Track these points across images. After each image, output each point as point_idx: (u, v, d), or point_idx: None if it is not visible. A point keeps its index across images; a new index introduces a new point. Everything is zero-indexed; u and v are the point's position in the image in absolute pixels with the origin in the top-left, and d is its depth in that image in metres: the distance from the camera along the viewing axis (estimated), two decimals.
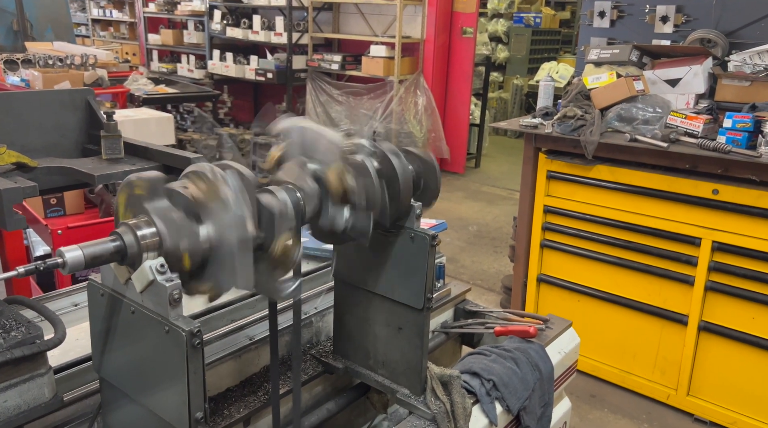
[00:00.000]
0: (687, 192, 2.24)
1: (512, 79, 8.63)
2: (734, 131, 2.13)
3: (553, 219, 2.68)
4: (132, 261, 0.76)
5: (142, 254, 0.76)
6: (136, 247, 0.75)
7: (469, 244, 4.44)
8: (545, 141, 2.61)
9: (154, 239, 0.77)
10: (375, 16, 5.90)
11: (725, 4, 2.71)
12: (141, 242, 0.76)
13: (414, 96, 5.69)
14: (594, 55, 2.80)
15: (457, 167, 6.21)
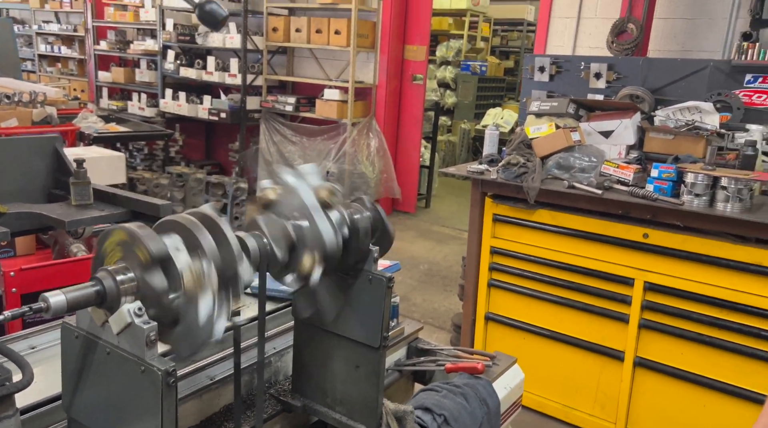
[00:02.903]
0: (620, 236, 2.42)
1: (460, 124, 8.97)
2: (660, 180, 2.34)
3: (500, 260, 2.82)
4: (110, 305, 0.81)
5: (120, 298, 0.81)
6: (115, 291, 0.80)
7: (421, 283, 4.54)
8: (491, 186, 2.77)
9: (132, 283, 0.82)
10: (329, 60, 6.08)
11: (651, 65, 2.99)
12: (120, 286, 0.81)
13: (367, 138, 5.84)
14: (535, 106, 3.02)
15: (408, 207, 6.36)
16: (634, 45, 3.94)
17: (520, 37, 10.42)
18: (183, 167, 5.32)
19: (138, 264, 0.82)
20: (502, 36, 10.85)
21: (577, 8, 4.63)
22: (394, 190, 6.04)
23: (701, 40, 4.23)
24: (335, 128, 5.76)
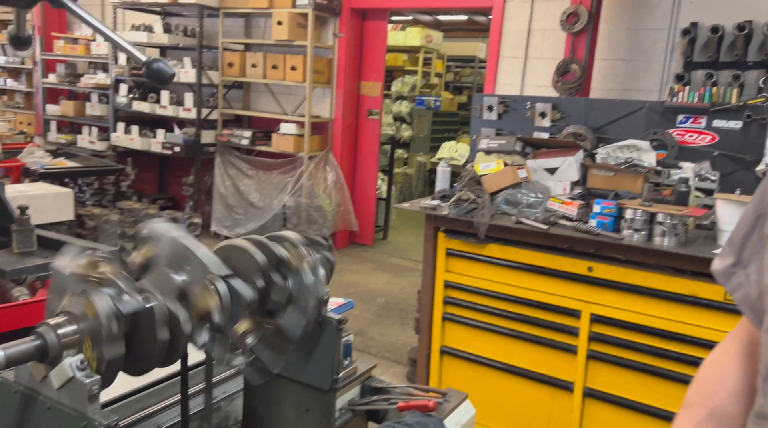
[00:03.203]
0: (566, 269, 2.50)
1: (416, 156, 9.13)
2: (602, 216, 2.45)
3: (453, 293, 2.87)
4: (52, 359, 0.80)
5: (62, 352, 0.80)
6: (57, 346, 0.80)
7: (378, 316, 4.55)
8: (443, 221, 2.84)
9: (75, 336, 0.82)
10: (285, 95, 6.13)
11: (592, 105, 3.15)
12: (62, 340, 0.80)
13: (324, 172, 5.88)
14: (484, 144, 3.12)
15: (366, 239, 6.39)
16: (578, 84, 4.15)
17: (472, 73, 10.76)
18: (134, 202, 5.22)
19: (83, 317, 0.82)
20: (455, 72, 11.18)
21: (524, 49, 4.85)
22: (351, 223, 6.07)
23: (640, 80, 4.49)
24: (292, 162, 5.78)
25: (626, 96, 4.50)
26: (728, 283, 0.77)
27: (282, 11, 5.41)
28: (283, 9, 5.42)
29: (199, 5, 5.55)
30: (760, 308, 0.71)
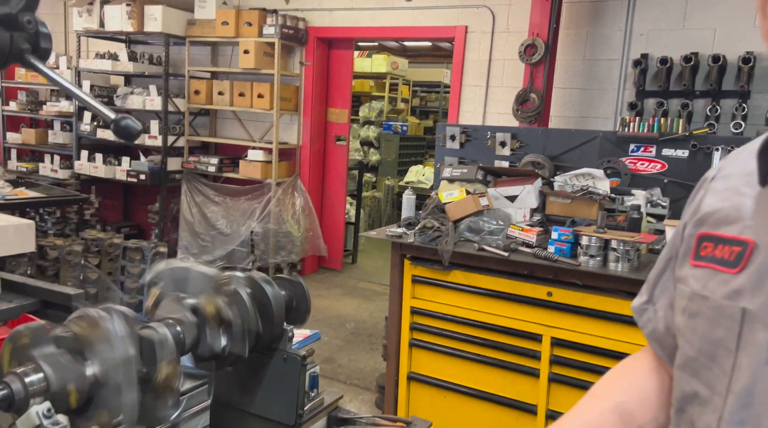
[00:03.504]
0: (527, 294, 2.59)
1: (384, 180, 9.23)
2: (560, 242, 2.54)
3: (420, 320, 2.92)
4: (18, 408, 0.82)
5: (29, 401, 0.82)
6: (23, 394, 0.82)
7: (347, 342, 4.56)
8: (409, 249, 2.90)
9: (42, 384, 0.84)
10: (252, 122, 6.16)
11: (549, 134, 3.29)
12: (29, 388, 0.82)
13: (292, 197, 5.90)
14: (447, 172, 3.22)
15: (334, 264, 6.41)
16: (537, 113, 4.30)
17: (438, 98, 10.98)
18: (98, 231, 5.14)
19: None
20: (421, 97, 11.39)
21: (486, 78, 5.01)
22: (320, 248, 6.09)
23: (596, 108, 4.68)
24: (259, 188, 5.80)
25: (583, 122, 4.68)
26: (640, 319, 0.85)
27: (248, 40, 5.47)
28: (249, 38, 5.48)
29: (165, 34, 5.57)
30: (666, 343, 0.79)
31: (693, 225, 0.73)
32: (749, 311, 0.60)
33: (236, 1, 5.90)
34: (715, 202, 0.70)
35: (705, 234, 0.70)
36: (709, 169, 0.78)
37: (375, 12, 5.43)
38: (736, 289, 0.63)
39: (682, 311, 0.70)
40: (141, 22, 5.57)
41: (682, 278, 0.72)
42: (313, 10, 5.71)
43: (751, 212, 0.65)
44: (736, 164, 0.72)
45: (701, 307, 0.66)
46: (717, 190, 0.72)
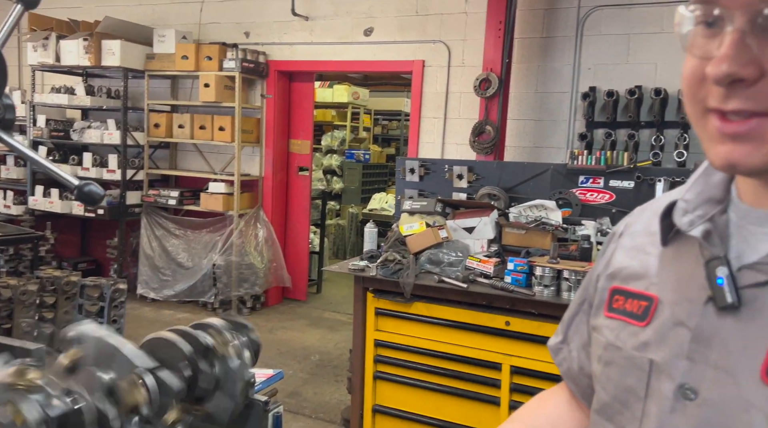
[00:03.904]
0: (486, 324, 2.67)
1: (348, 208, 9.29)
2: (516, 273, 2.64)
3: (383, 352, 2.96)
4: None
5: None
6: None
7: (312, 375, 4.54)
8: (371, 282, 2.95)
9: None
10: (214, 154, 6.16)
11: (503, 167, 3.41)
12: None
13: (254, 229, 5.89)
14: (407, 205, 3.30)
15: (299, 294, 6.40)
16: (492, 144, 4.45)
17: (399, 127, 11.17)
18: (54, 268, 5.01)
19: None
20: (383, 125, 11.57)
21: (443, 110, 5.16)
22: (284, 279, 6.08)
23: (549, 138, 4.87)
24: (221, 220, 5.77)
25: (538, 152, 4.86)
26: (556, 358, 0.90)
27: (209, 74, 5.51)
28: (210, 72, 5.52)
29: (124, 68, 5.56)
30: (579, 381, 0.85)
31: (606, 279, 0.79)
32: (656, 362, 0.66)
33: (196, 36, 5.94)
34: (625, 259, 0.77)
35: (617, 288, 0.75)
36: (618, 223, 0.85)
37: (335, 46, 5.55)
38: (644, 341, 0.68)
39: (598, 360, 0.76)
40: (98, 57, 5.54)
41: (598, 327, 0.77)
42: (273, 44, 5.80)
43: (656, 269, 0.71)
44: (640, 223, 0.78)
45: (614, 356, 0.72)
46: (625, 247, 0.78)
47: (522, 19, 4.75)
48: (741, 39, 0.53)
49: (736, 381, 0.59)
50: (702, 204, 0.67)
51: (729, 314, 0.60)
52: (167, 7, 6.09)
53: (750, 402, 0.57)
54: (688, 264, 0.67)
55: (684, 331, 0.64)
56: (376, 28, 5.39)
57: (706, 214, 0.66)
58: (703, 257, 0.64)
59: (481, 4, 4.69)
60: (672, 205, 0.69)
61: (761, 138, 0.54)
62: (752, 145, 0.54)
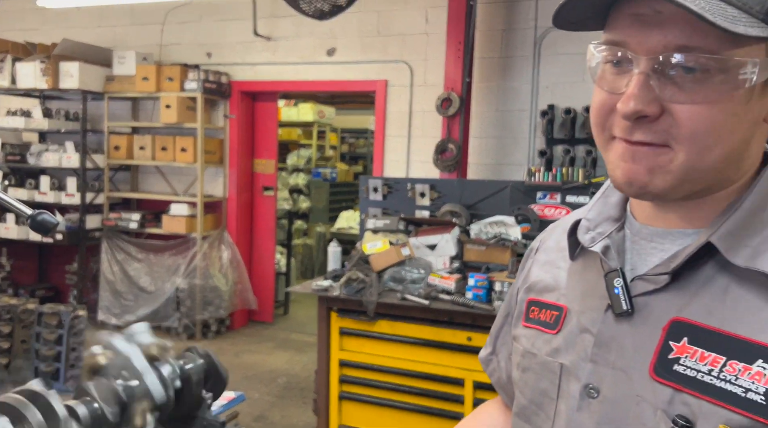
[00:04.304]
0: (448, 340, 2.68)
1: (315, 227, 9.25)
2: (477, 288, 2.67)
3: (348, 372, 2.94)
4: None
5: None
6: None
7: (279, 398, 4.47)
8: (335, 302, 2.94)
9: None
10: (176, 175, 6.08)
11: (464, 185, 3.47)
12: None
13: (219, 251, 5.82)
14: (371, 224, 3.32)
15: (265, 316, 6.31)
16: (455, 161, 4.52)
17: (366, 144, 11.23)
18: (10, 296, 4.85)
19: None
20: (349, 143, 11.62)
21: (407, 128, 5.22)
22: (249, 301, 6.00)
23: (510, 155, 4.97)
24: (184, 243, 5.68)
25: (499, 169, 4.95)
26: (487, 369, 0.97)
27: (170, 95, 5.46)
28: (171, 93, 5.48)
29: (83, 90, 5.47)
30: (508, 390, 0.90)
31: (524, 291, 0.85)
32: (565, 366, 0.72)
33: (157, 57, 5.90)
34: (540, 273, 0.83)
35: (533, 300, 0.81)
36: (534, 240, 0.92)
37: (298, 66, 5.58)
38: (555, 347, 0.74)
39: (516, 366, 0.82)
40: (56, 79, 5.45)
41: (517, 336, 0.83)
42: (235, 65, 5.79)
43: (565, 282, 0.77)
44: (552, 240, 0.85)
45: (531, 363, 0.78)
46: (540, 262, 0.84)
47: (481, 40, 4.87)
48: (646, 81, 0.59)
49: (630, 379, 0.65)
50: (602, 222, 0.74)
51: (624, 320, 0.67)
52: (127, 29, 6.04)
53: (641, 397, 0.64)
54: (591, 276, 0.73)
55: (588, 337, 0.70)
56: (338, 48, 5.44)
57: (605, 231, 0.73)
58: (603, 270, 0.70)
59: (441, 24, 4.79)
60: (577, 223, 0.74)
61: (656, 164, 0.61)
62: (647, 168, 0.62)
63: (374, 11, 5.25)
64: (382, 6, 5.23)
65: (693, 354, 0.61)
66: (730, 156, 0.62)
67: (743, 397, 0.57)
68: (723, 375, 0.59)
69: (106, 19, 6.06)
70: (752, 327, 0.59)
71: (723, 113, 0.58)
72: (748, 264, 0.60)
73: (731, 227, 0.62)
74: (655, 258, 0.68)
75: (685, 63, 0.58)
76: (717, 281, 0.63)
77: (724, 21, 0.54)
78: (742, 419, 0.57)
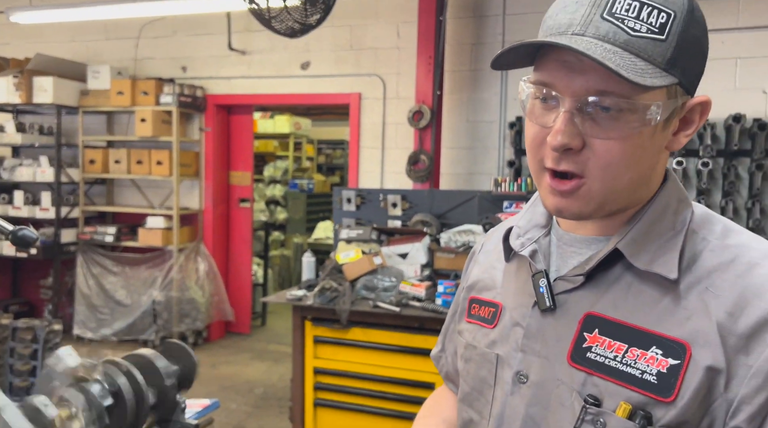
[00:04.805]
0: (419, 345, 2.78)
1: (293, 238, 9.29)
2: (446, 295, 2.78)
3: (323, 379, 3.02)
4: None
5: None
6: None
7: (256, 408, 4.51)
8: (309, 311, 3.02)
9: None
10: (152, 189, 6.10)
11: (435, 195, 3.58)
12: None
13: (195, 263, 5.84)
14: (345, 234, 3.41)
15: (242, 327, 6.34)
16: (428, 172, 4.64)
17: (343, 155, 11.33)
18: None
19: None
20: (326, 154, 11.70)
21: (381, 140, 5.34)
22: (226, 312, 6.02)
23: (481, 164, 5.11)
24: (160, 256, 5.70)
25: (471, 178, 5.08)
26: (438, 365, 1.07)
27: (145, 109, 5.50)
28: (146, 107, 5.51)
29: (57, 105, 5.47)
30: (457, 381, 1.00)
31: (466, 290, 0.96)
32: (500, 356, 0.82)
33: (131, 71, 5.93)
34: (480, 273, 0.94)
35: (474, 298, 0.92)
36: (476, 244, 1.03)
37: (272, 80, 5.67)
38: (492, 340, 0.85)
39: (460, 358, 0.92)
40: (30, 94, 5.45)
41: (461, 331, 0.94)
42: (210, 79, 5.86)
43: (500, 281, 0.88)
44: (491, 243, 0.96)
45: (472, 354, 0.88)
46: (480, 263, 0.95)
47: (451, 53, 5.02)
48: (570, 118, 0.70)
49: (552, 365, 0.76)
50: (531, 229, 0.85)
51: (548, 314, 0.78)
52: (101, 44, 6.07)
53: (561, 380, 0.75)
54: (522, 277, 0.84)
55: (519, 330, 0.81)
56: (313, 62, 5.55)
57: (533, 237, 0.84)
58: (531, 271, 0.81)
59: (412, 39, 4.93)
60: (510, 229, 0.84)
61: (578, 195, 0.72)
62: (572, 199, 0.73)
63: (347, 26, 5.37)
64: (355, 21, 5.35)
65: (602, 343, 0.72)
66: (639, 180, 0.73)
67: (640, 378, 0.69)
68: (625, 360, 0.70)
69: (80, 34, 6.08)
70: (649, 319, 0.70)
71: (632, 146, 0.69)
72: (647, 267, 0.72)
73: (634, 235, 0.74)
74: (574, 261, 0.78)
75: (603, 104, 0.68)
76: (622, 281, 0.74)
77: (635, 75, 0.65)
78: (638, 396, 0.68)
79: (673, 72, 0.68)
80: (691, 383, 0.66)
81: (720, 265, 0.71)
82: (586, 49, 0.65)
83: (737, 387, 0.65)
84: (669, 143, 0.74)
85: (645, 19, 0.66)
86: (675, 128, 0.73)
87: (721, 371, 0.66)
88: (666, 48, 0.67)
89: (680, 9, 0.68)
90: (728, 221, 0.77)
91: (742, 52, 4.22)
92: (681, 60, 0.68)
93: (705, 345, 0.67)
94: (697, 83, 0.73)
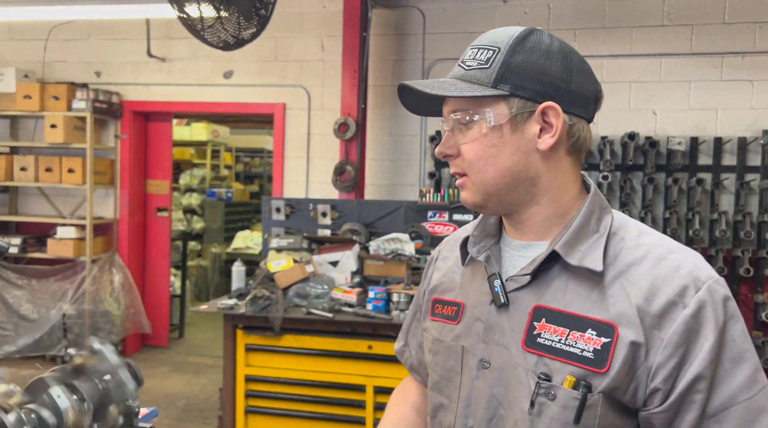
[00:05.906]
0: (351, 349, 2.89)
1: (210, 248, 9.08)
2: (376, 300, 2.91)
3: (254, 386, 3.05)
4: None
5: None
6: None
7: (178, 421, 4.41)
8: (241, 319, 3.05)
9: None
10: (61, 197, 5.80)
11: (362, 205, 3.72)
12: None
13: (110, 274, 5.61)
14: (275, 243, 3.46)
15: (160, 340, 6.14)
16: (353, 182, 4.77)
17: (262, 164, 11.22)
18: None
19: None
20: (245, 163, 11.52)
21: (306, 150, 5.41)
22: (143, 325, 5.82)
23: (404, 176, 5.31)
24: (71, 267, 5.43)
25: (394, 189, 5.27)
26: (401, 358, 1.21)
27: (56, 114, 5.24)
28: (57, 112, 5.26)
29: None
30: (420, 372, 1.16)
31: (428, 293, 1.10)
32: (466, 347, 0.97)
33: (39, 74, 5.63)
34: (440, 277, 1.08)
35: (436, 299, 1.06)
36: (434, 251, 1.18)
37: (194, 88, 5.59)
38: (457, 334, 0.99)
39: (428, 351, 1.06)
40: None
41: (427, 328, 1.08)
42: (127, 85, 5.68)
43: (460, 283, 1.03)
44: (447, 250, 1.12)
45: (439, 347, 1.02)
46: (440, 268, 1.10)
47: (374, 68, 5.20)
48: (450, 134, 0.92)
49: (509, 352, 0.91)
50: (484, 238, 1.01)
51: (503, 310, 0.93)
52: (5, 44, 5.72)
53: (517, 363, 0.90)
54: (478, 279, 0.99)
55: (480, 324, 0.96)
56: (236, 72, 5.53)
57: (486, 245, 1.00)
58: (486, 273, 0.96)
59: (336, 53, 5.06)
60: (467, 238, 0.99)
61: (467, 187, 0.93)
62: (465, 191, 0.94)
63: (272, 37, 5.41)
64: (279, 33, 5.40)
65: (549, 329, 0.87)
66: (511, 174, 0.89)
67: (580, 355, 0.85)
68: (568, 341, 0.86)
69: None
70: (584, 307, 0.87)
71: (483, 145, 0.88)
72: (579, 263, 0.88)
73: (567, 238, 0.90)
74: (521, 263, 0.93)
75: (456, 118, 0.90)
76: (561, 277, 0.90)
77: (459, 92, 0.87)
78: (580, 370, 0.84)
79: (501, 87, 0.87)
80: (619, 356, 0.82)
81: (636, 260, 0.87)
82: (423, 87, 0.89)
83: (654, 357, 0.81)
84: (538, 144, 0.89)
85: (477, 57, 0.89)
86: (535, 131, 0.88)
87: (641, 345, 0.81)
88: (491, 73, 0.87)
89: (505, 43, 0.88)
90: (641, 224, 0.96)
91: (636, 77, 4.71)
92: (510, 78, 0.87)
93: (628, 325, 0.82)
94: (555, 94, 0.88)
